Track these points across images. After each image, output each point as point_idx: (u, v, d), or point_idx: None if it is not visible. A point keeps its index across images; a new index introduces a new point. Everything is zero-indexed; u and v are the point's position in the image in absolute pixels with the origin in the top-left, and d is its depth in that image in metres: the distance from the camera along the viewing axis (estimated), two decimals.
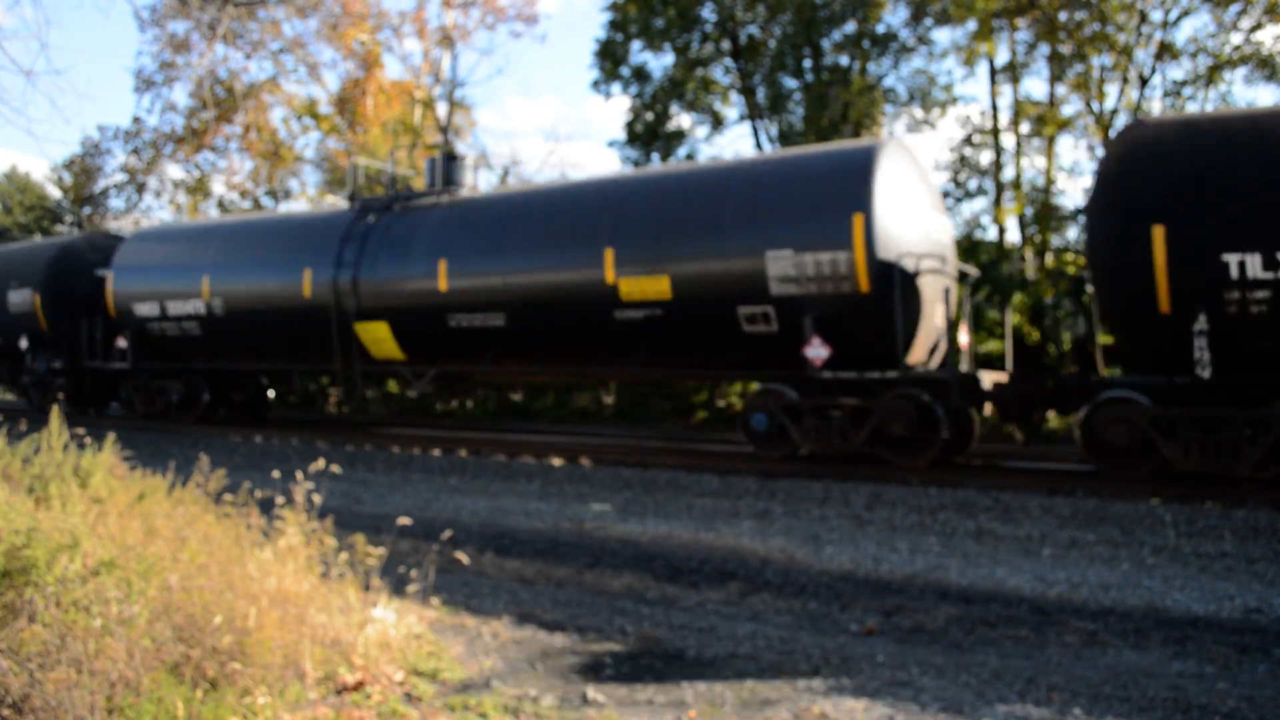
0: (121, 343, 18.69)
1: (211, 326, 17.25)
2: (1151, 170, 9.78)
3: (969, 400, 11.15)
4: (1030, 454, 12.42)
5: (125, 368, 18.82)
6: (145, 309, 18.01)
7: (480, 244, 14.09)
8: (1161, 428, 9.74)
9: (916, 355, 11.76)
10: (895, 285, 11.01)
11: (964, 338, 12.57)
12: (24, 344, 20.46)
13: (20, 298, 20.52)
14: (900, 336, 11.05)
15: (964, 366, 12.49)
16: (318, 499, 5.67)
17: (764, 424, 11.91)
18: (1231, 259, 9.20)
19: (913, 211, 11.83)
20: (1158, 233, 9.42)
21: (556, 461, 12.51)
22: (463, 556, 6.10)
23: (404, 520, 5.73)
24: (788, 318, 11.50)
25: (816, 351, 11.13)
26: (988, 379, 11.18)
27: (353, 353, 15.61)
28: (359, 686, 4.27)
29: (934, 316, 12.01)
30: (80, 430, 6.58)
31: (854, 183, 11.27)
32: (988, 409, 11.53)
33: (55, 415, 6.06)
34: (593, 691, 4.54)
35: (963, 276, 13.08)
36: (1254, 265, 9.13)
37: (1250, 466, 9.42)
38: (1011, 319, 12.99)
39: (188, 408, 18.30)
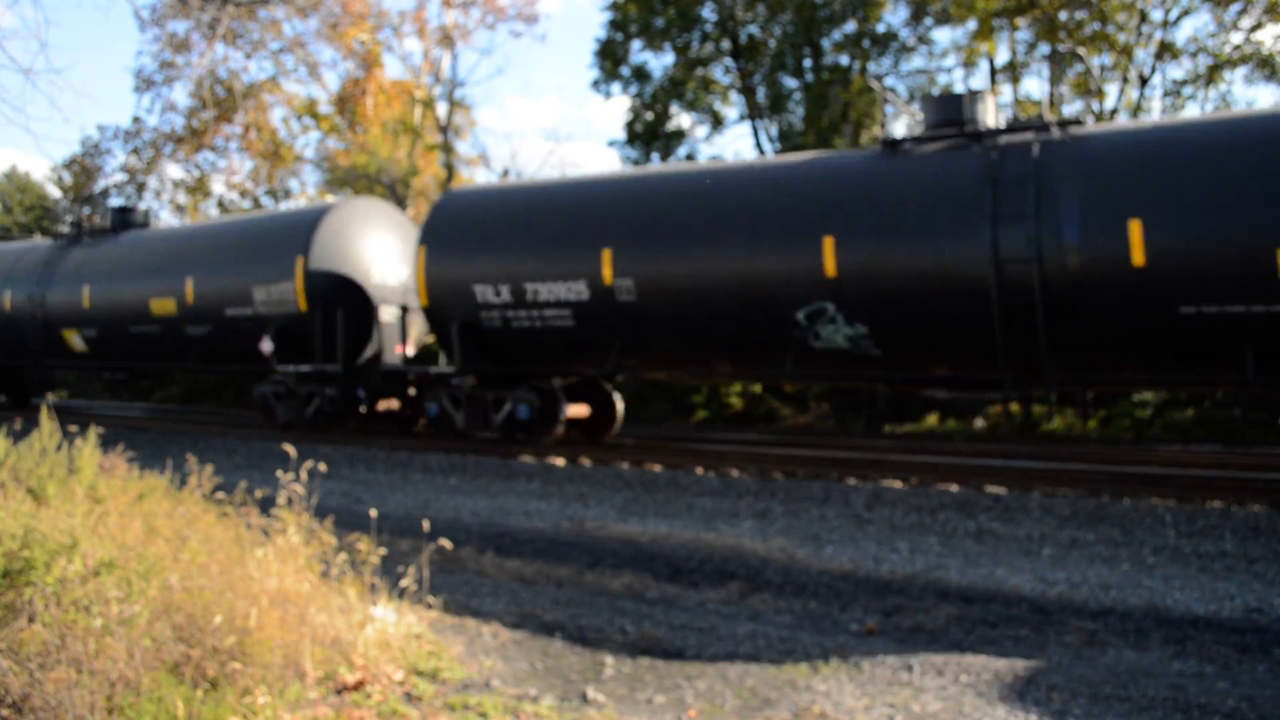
0: None
1: None
2: (431, 224, 14.47)
3: (377, 388, 15.80)
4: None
5: None
6: None
7: (101, 277, 18.76)
8: (455, 402, 14.28)
9: (365, 357, 15.99)
10: (322, 309, 15.43)
11: (407, 349, 16.41)
12: None
13: None
14: (338, 344, 15.32)
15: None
16: (315, 498, 5.67)
17: (264, 402, 16.74)
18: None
19: (358, 259, 16.06)
20: (420, 252, 14.26)
21: (557, 461, 12.51)
22: (446, 543, 6.10)
23: (425, 525, 5.72)
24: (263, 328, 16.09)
25: (265, 345, 15.68)
26: (381, 373, 15.73)
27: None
28: (359, 686, 4.27)
29: (381, 331, 16.21)
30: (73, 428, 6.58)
31: (300, 237, 15.79)
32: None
33: (44, 414, 6.04)
34: (593, 691, 4.54)
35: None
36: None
37: (496, 429, 13.86)
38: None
39: None
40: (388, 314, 16.18)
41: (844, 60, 23.32)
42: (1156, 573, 7.26)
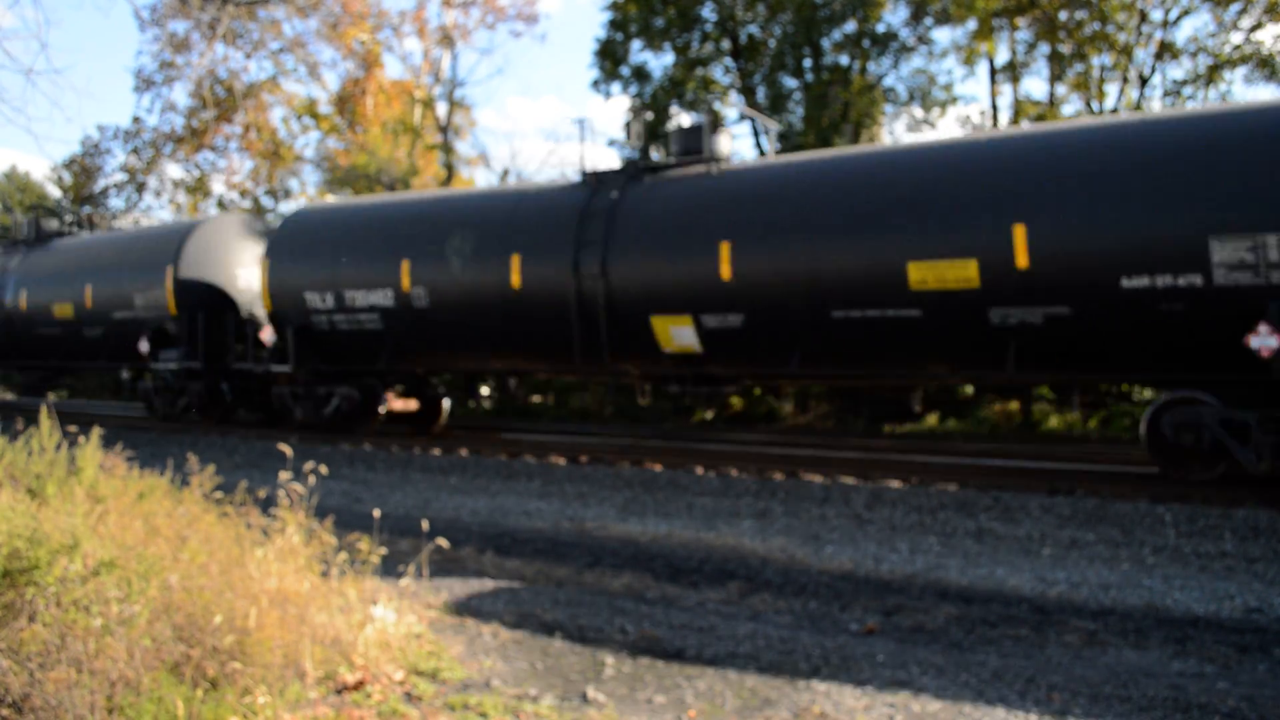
0: (266, 336, 15.75)
1: (404, 321, 14.25)
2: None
3: None
4: None
5: (286, 370, 15.61)
6: (315, 300, 15.02)
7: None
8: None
9: None
10: None
11: None
12: (144, 345, 17.21)
13: (145, 290, 17.39)
14: None
15: None
16: (316, 498, 5.67)
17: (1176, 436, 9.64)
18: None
19: None
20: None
21: (557, 461, 12.50)
22: (443, 542, 6.12)
23: (424, 525, 5.74)
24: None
25: (1264, 341, 8.67)
26: None
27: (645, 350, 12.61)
28: (359, 686, 4.27)
29: None
30: (73, 428, 6.57)
31: None
32: None
33: (44, 414, 6.03)
34: (593, 691, 4.54)
35: None
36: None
37: None
38: None
39: (360, 417, 15.58)
40: None
41: (844, 60, 23.32)
42: (1156, 573, 7.26)
